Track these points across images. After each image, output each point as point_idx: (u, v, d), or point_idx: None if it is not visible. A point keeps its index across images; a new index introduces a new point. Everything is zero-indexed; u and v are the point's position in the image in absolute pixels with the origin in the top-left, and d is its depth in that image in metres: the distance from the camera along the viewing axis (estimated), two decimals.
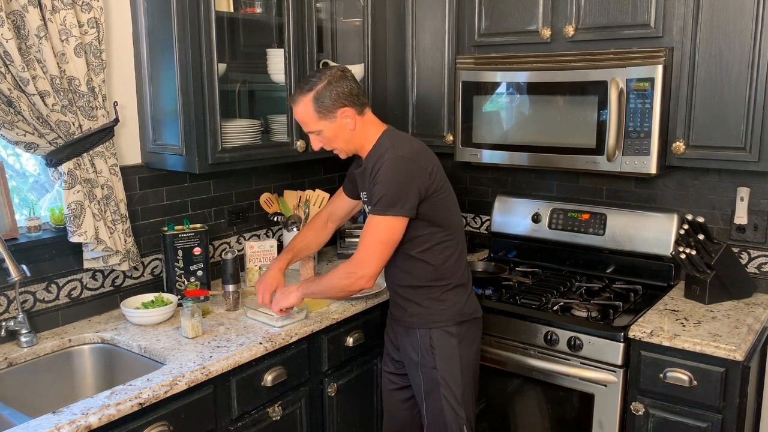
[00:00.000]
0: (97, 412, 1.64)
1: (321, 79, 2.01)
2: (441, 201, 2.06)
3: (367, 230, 2.01)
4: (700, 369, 2.07)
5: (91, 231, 2.12)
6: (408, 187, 1.96)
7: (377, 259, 2.00)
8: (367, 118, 2.09)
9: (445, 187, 2.09)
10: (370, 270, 2.00)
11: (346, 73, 2.04)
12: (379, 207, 1.97)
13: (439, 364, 2.10)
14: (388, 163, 1.98)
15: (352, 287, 2.04)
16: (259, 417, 2.11)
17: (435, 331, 2.11)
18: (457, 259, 2.13)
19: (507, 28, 2.68)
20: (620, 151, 2.38)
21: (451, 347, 2.10)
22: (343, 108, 2.02)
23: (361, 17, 2.89)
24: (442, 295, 2.11)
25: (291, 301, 2.15)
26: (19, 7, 1.89)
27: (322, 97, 2.00)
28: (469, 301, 2.16)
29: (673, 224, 2.60)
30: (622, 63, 2.34)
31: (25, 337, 2.06)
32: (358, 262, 2.01)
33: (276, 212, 2.88)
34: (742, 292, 2.45)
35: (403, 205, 1.96)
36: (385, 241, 2.00)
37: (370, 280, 2.02)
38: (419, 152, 2.04)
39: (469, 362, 2.15)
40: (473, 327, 2.17)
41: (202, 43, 2.21)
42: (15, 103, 1.92)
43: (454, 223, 2.13)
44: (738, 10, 2.18)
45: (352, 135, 2.07)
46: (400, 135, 2.11)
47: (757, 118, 2.19)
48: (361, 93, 2.06)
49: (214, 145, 2.28)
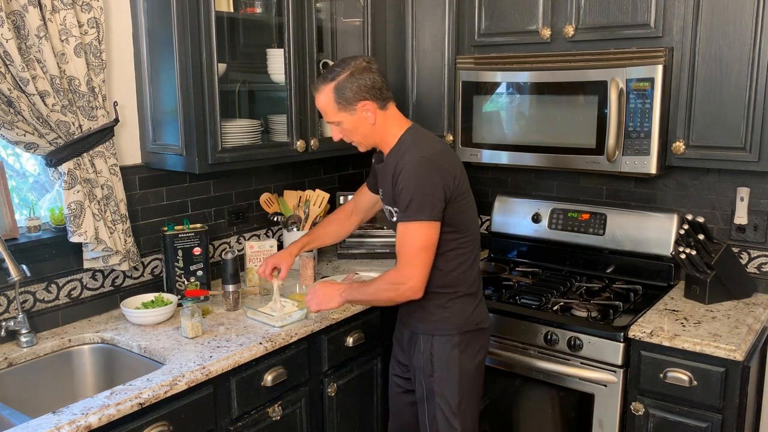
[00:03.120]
0: (97, 412, 1.64)
1: (344, 69, 1.95)
2: (462, 206, 2.00)
3: (404, 239, 1.94)
4: (700, 369, 2.07)
5: (91, 231, 2.12)
6: (435, 189, 1.90)
7: (421, 267, 1.92)
8: (389, 113, 2.02)
9: (467, 192, 2.03)
10: (415, 281, 1.93)
11: (372, 65, 1.97)
12: (410, 213, 1.91)
13: (436, 372, 2.05)
14: (411, 164, 1.91)
15: (399, 299, 1.99)
16: (259, 417, 2.11)
17: (437, 339, 2.04)
18: (469, 267, 2.06)
19: (507, 28, 2.68)
20: (620, 151, 2.38)
21: (452, 357, 2.03)
22: (363, 101, 1.95)
23: (361, 17, 2.89)
24: (448, 303, 2.04)
25: (332, 305, 2.12)
26: (19, 7, 1.89)
27: (342, 88, 1.94)
28: (476, 311, 2.08)
29: (673, 224, 2.60)
30: (622, 63, 2.34)
31: (25, 337, 2.06)
32: (402, 273, 1.94)
33: (276, 212, 2.88)
34: (742, 292, 2.45)
35: (432, 208, 1.90)
36: (424, 247, 1.92)
37: (418, 291, 1.94)
38: (443, 153, 1.98)
39: (470, 373, 2.07)
40: (478, 337, 2.09)
41: (202, 43, 2.21)
42: (15, 103, 1.91)
43: (472, 230, 2.05)
44: (738, 10, 2.18)
45: (372, 129, 2.01)
46: (424, 134, 2.03)
47: (757, 118, 2.19)
48: (385, 87, 1.98)
49: (214, 145, 2.28)
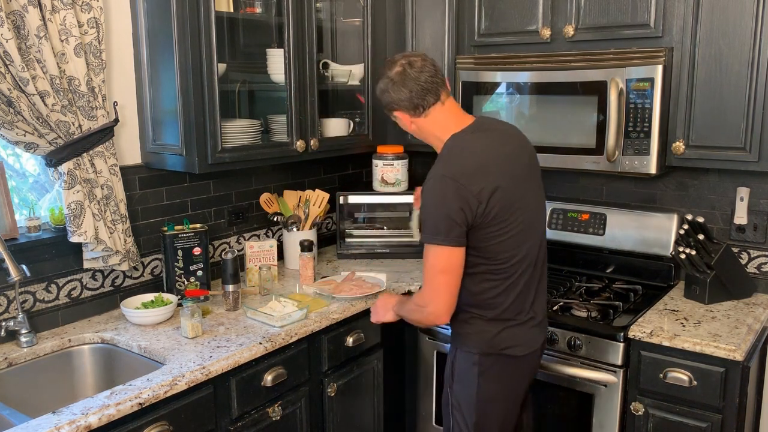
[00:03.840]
0: (97, 412, 1.64)
1: (382, 77, 1.92)
2: (492, 234, 1.82)
3: (425, 259, 1.86)
4: (700, 369, 2.07)
5: (91, 231, 2.12)
6: (450, 212, 1.76)
7: (441, 292, 1.82)
8: (432, 118, 1.90)
9: (504, 219, 1.81)
10: (436, 306, 1.84)
11: (407, 74, 1.85)
12: (426, 234, 1.83)
13: (455, 385, 1.99)
14: (430, 182, 1.82)
15: (425, 321, 1.95)
16: (259, 417, 2.11)
17: (460, 353, 1.97)
18: (501, 294, 1.88)
19: (507, 28, 2.68)
20: (620, 151, 2.38)
21: (470, 375, 1.94)
22: (395, 111, 1.93)
23: (361, 17, 2.89)
24: (471, 320, 1.93)
25: (387, 319, 2.16)
26: (19, 7, 1.89)
27: (380, 97, 1.95)
28: (502, 335, 1.90)
29: (673, 224, 2.60)
30: (622, 63, 2.34)
31: (25, 337, 2.06)
32: (424, 296, 1.88)
33: (276, 212, 2.88)
34: (742, 292, 2.45)
35: (447, 233, 1.77)
36: (443, 271, 1.81)
37: (442, 316, 1.85)
38: (475, 172, 1.79)
39: (493, 397, 1.94)
40: (504, 363, 1.92)
41: (202, 43, 2.21)
42: (15, 103, 1.91)
43: (511, 257, 1.86)
44: (738, 10, 2.18)
45: (414, 133, 1.98)
46: (466, 144, 1.86)
47: (757, 118, 2.19)
48: (421, 94, 1.85)
49: (214, 145, 2.28)
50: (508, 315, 1.91)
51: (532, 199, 1.92)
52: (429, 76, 1.86)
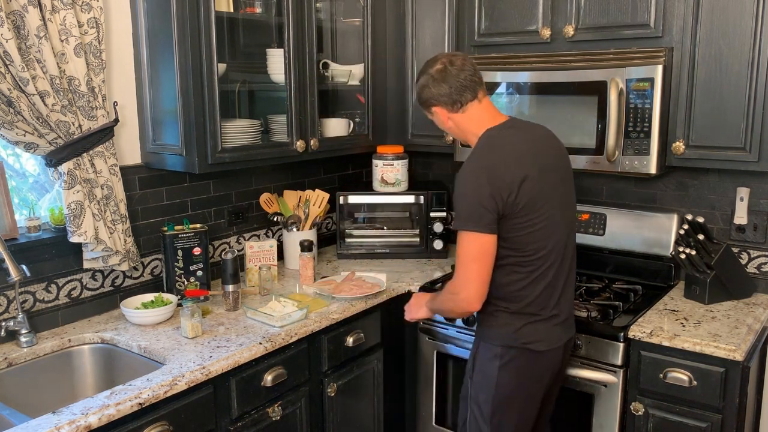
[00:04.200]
0: (97, 412, 1.64)
1: (423, 74, 2.00)
2: (521, 225, 1.87)
3: (458, 247, 1.90)
4: (700, 369, 2.07)
5: (90, 231, 2.12)
6: (482, 199, 1.82)
7: (473, 278, 1.86)
8: (468, 114, 1.97)
9: (533, 211, 1.87)
10: (468, 292, 1.87)
11: (448, 71, 1.94)
12: (457, 222, 1.88)
13: (475, 376, 2.03)
14: (463, 172, 1.89)
15: (458, 309, 1.96)
16: (259, 417, 2.11)
17: (482, 344, 2.02)
18: (527, 287, 1.93)
19: (507, 28, 2.68)
20: (620, 151, 2.38)
21: (490, 366, 1.98)
22: (433, 107, 2.00)
23: (361, 17, 2.89)
24: (496, 313, 1.97)
25: (420, 315, 2.19)
26: (19, 7, 1.89)
27: (419, 95, 2.02)
28: (525, 330, 1.94)
29: (673, 224, 2.60)
30: (622, 63, 2.34)
31: (25, 337, 2.06)
32: (456, 282, 1.91)
33: (276, 212, 2.88)
34: (742, 292, 2.45)
35: (479, 219, 1.82)
36: (475, 258, 1.85)
37: (474, 303, 1.88)
38: (507, 164, 1.86)
39: (510, 391, 1.98)
40: (526, 357, 1.96)
41: (202, 44, 2.21)
42: (15, 103, 1.92)
43: (538, 249, 1.91)
44: (738, 10, 2.18)
45: (452, 130, 2.04)
46: (500, 137, 1.94)
47: (757, 118, 2.19)
48: (460, 90, 1.93)
49: (214, 145, 2.28)
50: (532, 309, 1.94)
51: (558, 196, 1.96)
52: (468, 74, 1.94)
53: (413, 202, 3.05)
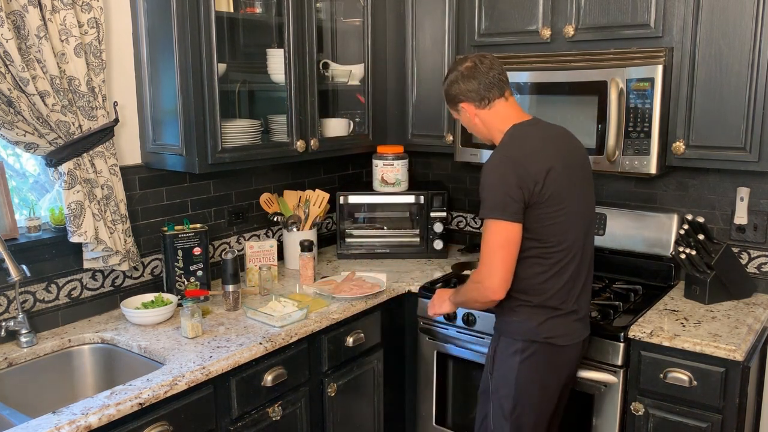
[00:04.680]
0: (97, 412, 1.64)
1: (452, 71, 2.05)
2: (545, 216, 1.91)
3: (483, 236, 1.92)
4: (700, 369, 2.07)
5: (91, 231, 2.12)
6: (508, 188, 1.86)
7: (498, 266, 1.87)
8: (495, 111, 2.02)
9: (557, 202, 1.91)
10: (492, 280, 1.88)
11: (478, 68, 1.99)
12: (485, 210, 1.90)
13: (495, 371, 2.05)
14: (490, 162, 1.93)
15: (482, 298, 1.95)
16: (259, 417, 2.11)
17: (502, 340, 2.04)
18: (549, 279, 1.95)
19: (507, 28, 2.68)
20: (620, 151, 2.38)
21: (511, 362, 1.99)
22: (461, 103, 2.04)
23: (361, 17, 2.89)
24: (518, 308, 1.98)
25: (444, 310, 2.21)
26: (19, 7, 1.89)
27: (447, 91, 2.06)
28: (547, 324, 1.97)
29: (673, 224, 2.60)
30: (622, 63, 2.34)
31: (25, 337, 2.06)
32: (481, 271, 1.92)
33: (276, 212, 2.88)
34: (742, 292, 2.45)
35: (505, 208, 1.86)
36: (501, 245, 1.87)
37: (498, 291, 1.89)
38: (534, 155, 1.91)
39: (531, 385, 1.99)
40: (548, 352, 1.98)
41: (202, 43, 2.21)
42: (15, 103, 1.91)
43: (559, 242, 1.94)
44: (738, 10, 2.18)
45: (478, 128, 2.07)
46: (525, 132, 1.99)
47: (757, 118, 2.19)
48: (488, 87, 1.98)
49: (214, 145, 2.28)
50: (553, 302, 1.97)
51: (578, 194, 1.99)
52: (497, 73, 2.00)
53: (413, 202, 3.05)
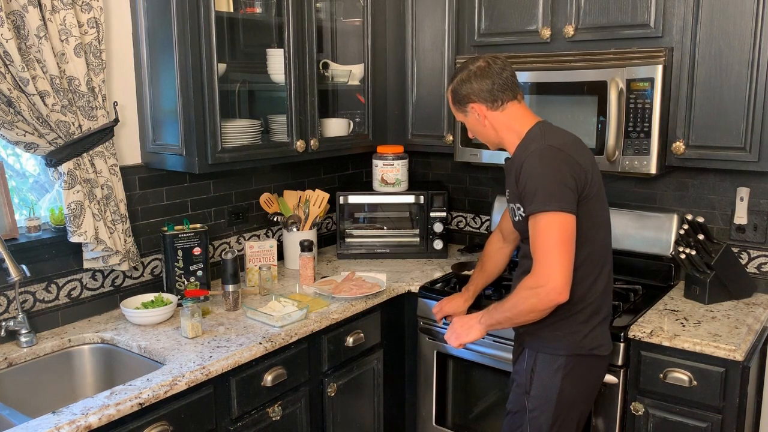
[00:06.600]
0: (97, 412, 1.64)
1: (462, 71, 1.96)
2: (591, 210, 1.84)
3: (536, 234, 1.78)
4: (700, 369, 2.07)
5: (90, 231, 2.12)
6: (563, 177, 1.77)
7: (560, 264, 1.73)
8: (508, 113, 1.94)
9: (599, 196, 1.87)
10: (556, 281, 1.73)
11: (491, 67, 1.91)
12: (538, 203, 1.76)
13: (533, 391, 1.93)
14: (536, 152, 1.81)
15: (543, 305, 1.77)
16: (259, 417, 2.11)
17: (541, 357, 1.92)
18: (592, 284, 1.87)
19: (507, 28, 2.68)
20: (620, 151, 2.38)
21: (553, 380, 1.90)
22: (471, 104, 1.95)
23: (361, 17, 2.89)
24: (559, 321, 1.87)
25: (473, 336, 1.99)
26: (19, 7, 1.89)
27: (457, 90, 1.97)
28: (592, 335, 1.89)
29: (673, 224, 2.59)
30: (622, 63, 2.34)
31: (25, 337, 2.06)
32: (540, 273, 1.76)
33: (276, 212, 2.88)
34: (742, 292, 2.45)
35: (561, 198, 1.75)
36: (561, 240, 1.74)
37: (563, 292, 1.74)
38: (574, 145, 1.87)
39: (571, 400, 1.92)
40: (590, 364, 1.92)
41: (202, 43, 2.21)
42: (15, 103, 1.91)
43: (598, 240, 1.87)
44: (738, 10, 2.18)
45: (486, 130, 1.99)
46: (555, 128, 1.94)
47: (757, 118, 2.19)
48: (502, 88, 1.91)
49: (213, 145, 2.28)
50: (594, 309, 1.91)
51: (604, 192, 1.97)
52: (509, 74, 1.94)
53: (413, 202, 3.05)
